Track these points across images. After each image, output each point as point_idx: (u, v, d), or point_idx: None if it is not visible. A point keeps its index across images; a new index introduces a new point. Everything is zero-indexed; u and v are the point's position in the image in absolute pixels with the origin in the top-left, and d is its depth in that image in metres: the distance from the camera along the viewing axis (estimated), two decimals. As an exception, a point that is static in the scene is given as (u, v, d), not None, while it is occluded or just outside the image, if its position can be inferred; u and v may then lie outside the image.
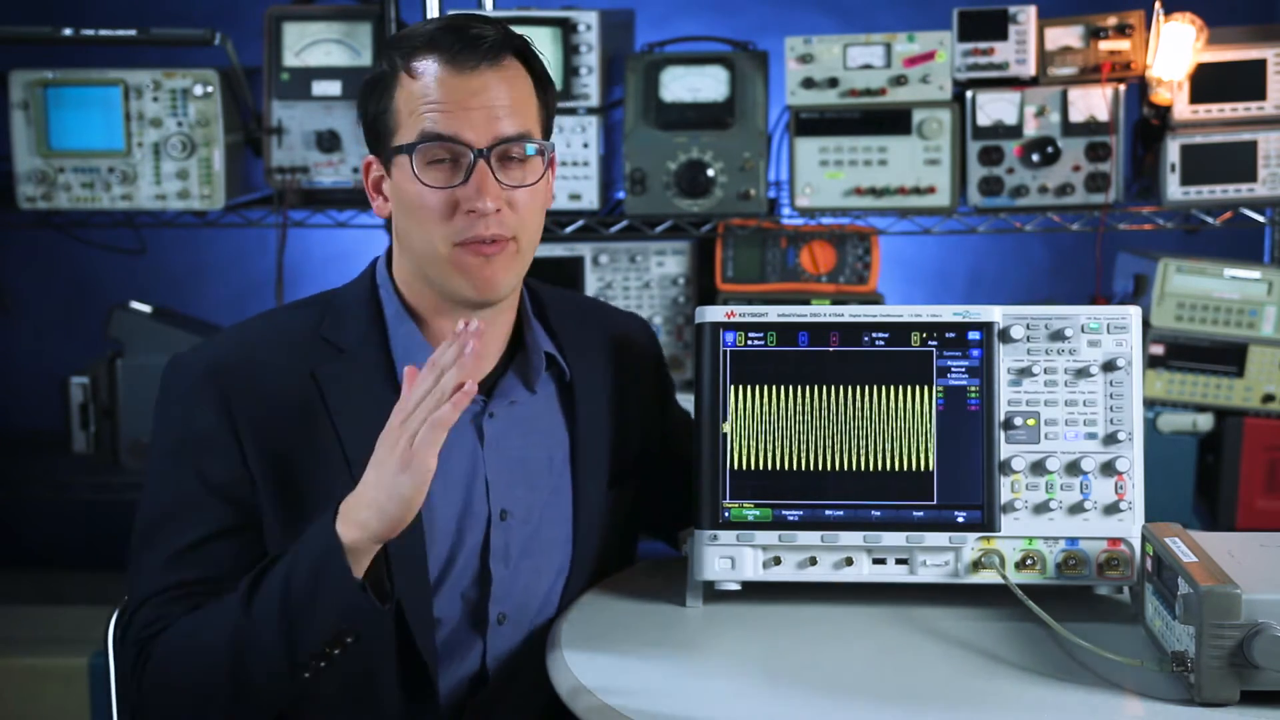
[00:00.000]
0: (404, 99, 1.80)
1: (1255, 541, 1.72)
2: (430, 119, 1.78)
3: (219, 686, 1.70)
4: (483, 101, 1.78)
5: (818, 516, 1.86)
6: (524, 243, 1.83)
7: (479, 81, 1.78)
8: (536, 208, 1.84)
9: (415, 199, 1.80)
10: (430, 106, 1.78)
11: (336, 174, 3.15)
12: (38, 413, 3.74)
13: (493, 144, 1.78)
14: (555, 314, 1.99)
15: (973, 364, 1.87)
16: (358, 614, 1.66)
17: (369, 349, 1.86)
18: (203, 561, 1.78)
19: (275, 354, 1.84)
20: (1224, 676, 1.55)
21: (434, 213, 1.79)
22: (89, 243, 3.36)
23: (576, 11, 3.10)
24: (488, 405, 1.89)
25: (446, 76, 1.78)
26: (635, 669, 1.71)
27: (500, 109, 1.79)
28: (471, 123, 1.78)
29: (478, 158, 1.77)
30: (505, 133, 1.79)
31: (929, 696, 1.63)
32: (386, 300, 1.89)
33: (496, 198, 1.78)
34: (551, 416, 1.95)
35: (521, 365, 1.92)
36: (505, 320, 1.92)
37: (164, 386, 1.85)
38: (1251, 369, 3.02)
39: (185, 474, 1.80)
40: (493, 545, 1.88)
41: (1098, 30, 2.98)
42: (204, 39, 3.10)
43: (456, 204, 1.78)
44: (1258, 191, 2.99)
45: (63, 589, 3.27)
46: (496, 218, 1.79)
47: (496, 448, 1.89)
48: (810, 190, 3.06)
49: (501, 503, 1.88)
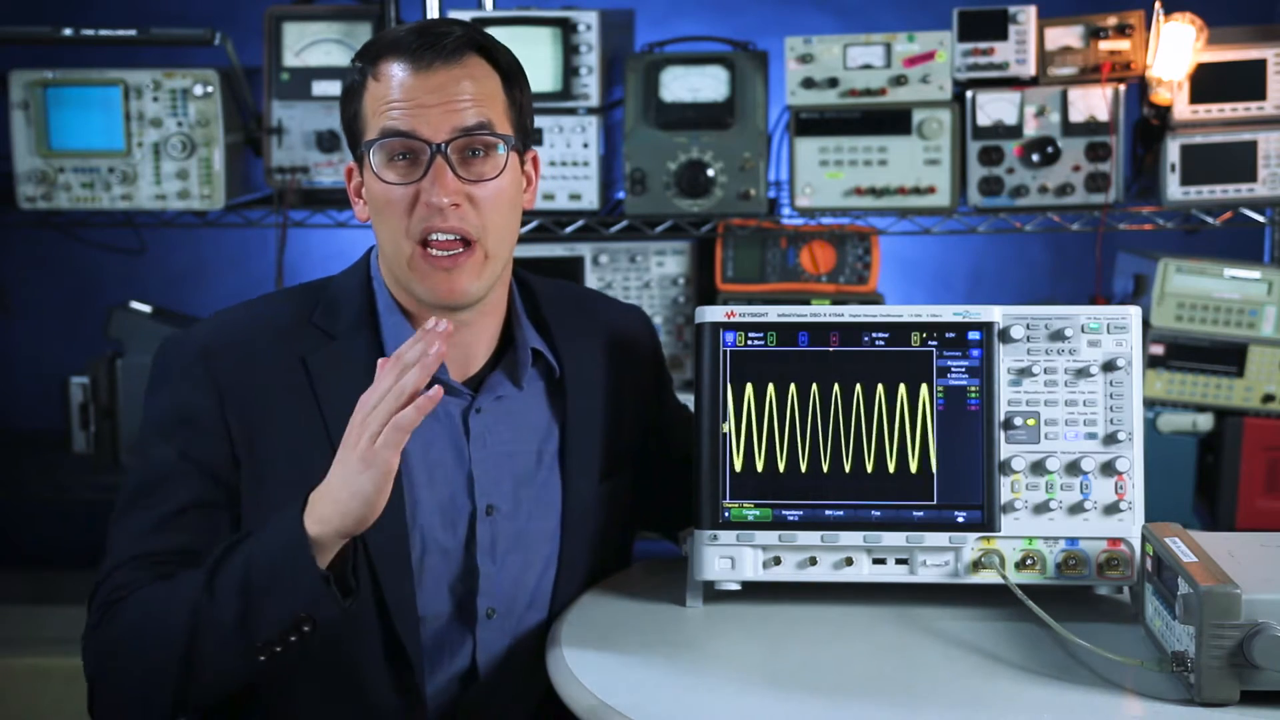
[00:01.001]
0: (369, 101, 1.82)
1: (1255, 541, 1.73)
2: (389, 116, 1.79)
3: (170, 661, 1.68)
4: (440, 98, 1.79)
5: (818, 516, 1.86)
6: (491, 244, 1.83)
7: (438, 79, 1.80)
8: (502, 206, 1.84)
9: (379, 196, 1.82)
10: (389, 105, 1.79)
11: (336, 174, 3.15)
12: (38, 413, 3.74)
13: (450, 137, 1.79)
14: (549, 307, 1.99)
15: (973, 364, 1.87)
16: (317, 605, 1.65)
17: (360, 337, 1.87)
18: (178, 531, 1.78)
19: (267, 338, 1.86)
20: (1224, 676, 1.55)
21: (395, 209, 1.80)
22: (89, 243, 3.36)
23: (576, 11, 3.10)
24: (475, 400, 1.89)
25: (406, 76, 1.79)
26: (635, 669, 1.71)
27: (459, 102, 1.80)
28: (428, 119, 1.79)
29: (435, 152, 1.78)
30: (464, 124, 1.79)
31: (929, 696, 1.63)
32: (379, 291, 1.91)
33: (454, 192, 1.79)
34: (540, 410, 1.95)
35: (510, 362, 1.93)
36: (493, 320, 1.92)
37: (156, 365, 1.86)
38: (1251, 369, 3.02)
39: (170, 449, 1.81)
40: (479, 540, 1.88)
41: (1098, 30, 2.98)
42: (204, 39, 3.10)
43: (416, 199, 1.80)
44: (1258, 191, 2.98)
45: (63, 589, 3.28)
46: (455, 212, 1.79)
47: (483, 443, 1.89)
48: (810, 190, 3.06)
49: (488, 498, 1.89)
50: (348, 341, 1.87)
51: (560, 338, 1.97)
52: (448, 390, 1.87)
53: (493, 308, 1.91)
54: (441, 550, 1.87)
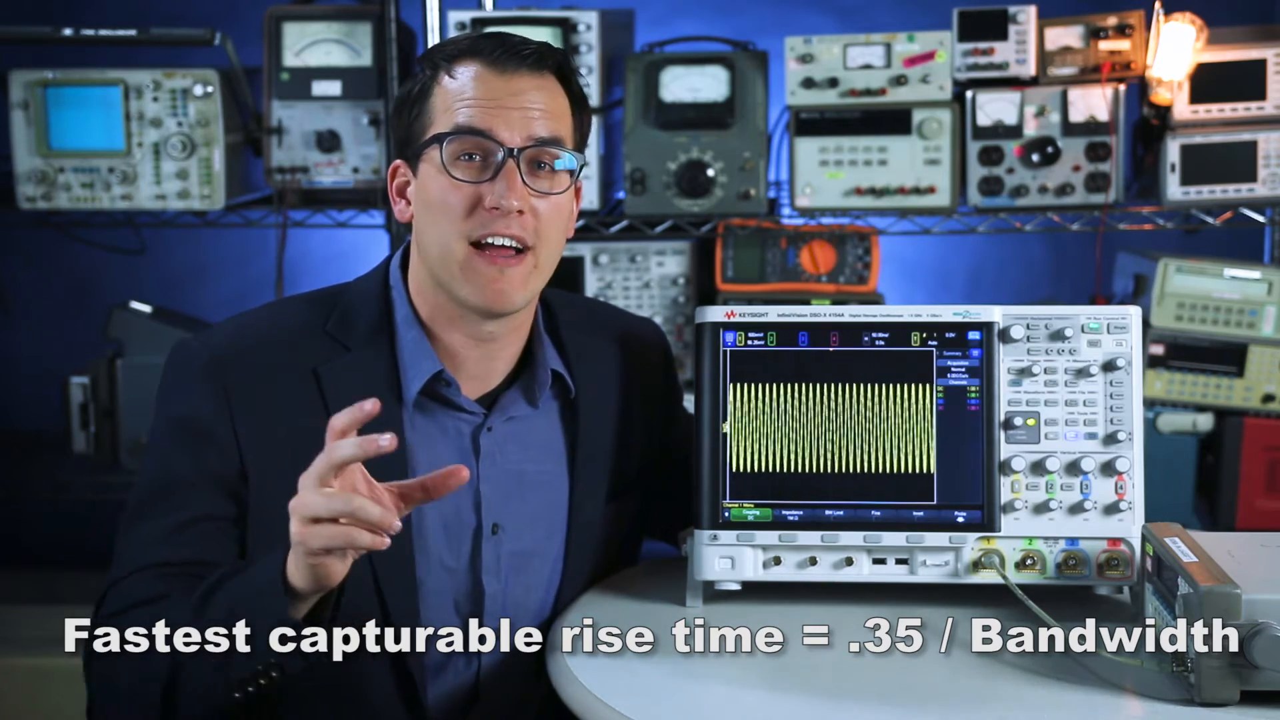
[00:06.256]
0: (440, 97, 1.79)
1: (1255, 541, 1.72)
2: (465, 113, 1.77)
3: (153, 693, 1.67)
4: (520, 102, 1.78)
5: (818, 516, 1.86)
6: (542, 257, 1.81)
7: (520, 84, 1.78)
8: (559, 223, 1.83)
9: (439, 193, 1.79)
10: (467, 102, 1.77)
11: (336, 174, 3.15)
12: (38, 413, 3.74)
13: (526, 144, 1.77)
14: (567, 327, 1.96)
15: (973, 364, 1.87)
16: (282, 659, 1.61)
17: (374, 349, 1.85)
18: (186, 544, 1.76)
19: (279, 347, 1.83)
20: (1224, 676, 1.55)
21: (455, 209, 1.78)
22: (89, 243, 3.36)
23: (576, 11, 3.10)
24: (487, 419, 1.88)
25: (486, 75, 1.78)
26: (635, 669, 1.71)
27: (536, 111, 1.78)
28: (507, 120, 1.77)
29: (508, 156, 1.77)
30: (540, 134, 1.78)
31: (929, 696, 1.62)
32: (398, 302, 1.87)
33: (522, 198, 1.77)
34: (552, 430, 1.93)
35: (527, 381, 1.90)
36: (518, 336, 1.90)
37: (168, 369, 1.84)
38: (1251, 369, 3.02)
39: (180, 457, 1.79)
40: (484, 559, 1.87)
41: (1098, 30, 2.98)
42: (204, 39, 3.10)
43: (479, 201, 1.77)
44: (1258, 191, 2.99)
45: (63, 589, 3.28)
46: (518, 219, 1.77)
47: (492, 461, 1.88)
48: (810, 190, 3.06)
49: (494, 516, 1.87)
50: (362, 352, 1.84)
51: (577, 359, 1.95)
52: (460, 413, 1.86)
53: (520, 325, 1.89)
54: (446, 568, 1.85)
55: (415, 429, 1.84)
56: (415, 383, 1.83)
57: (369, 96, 3.15)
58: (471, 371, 1.87)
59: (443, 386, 1.85)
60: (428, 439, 1.85)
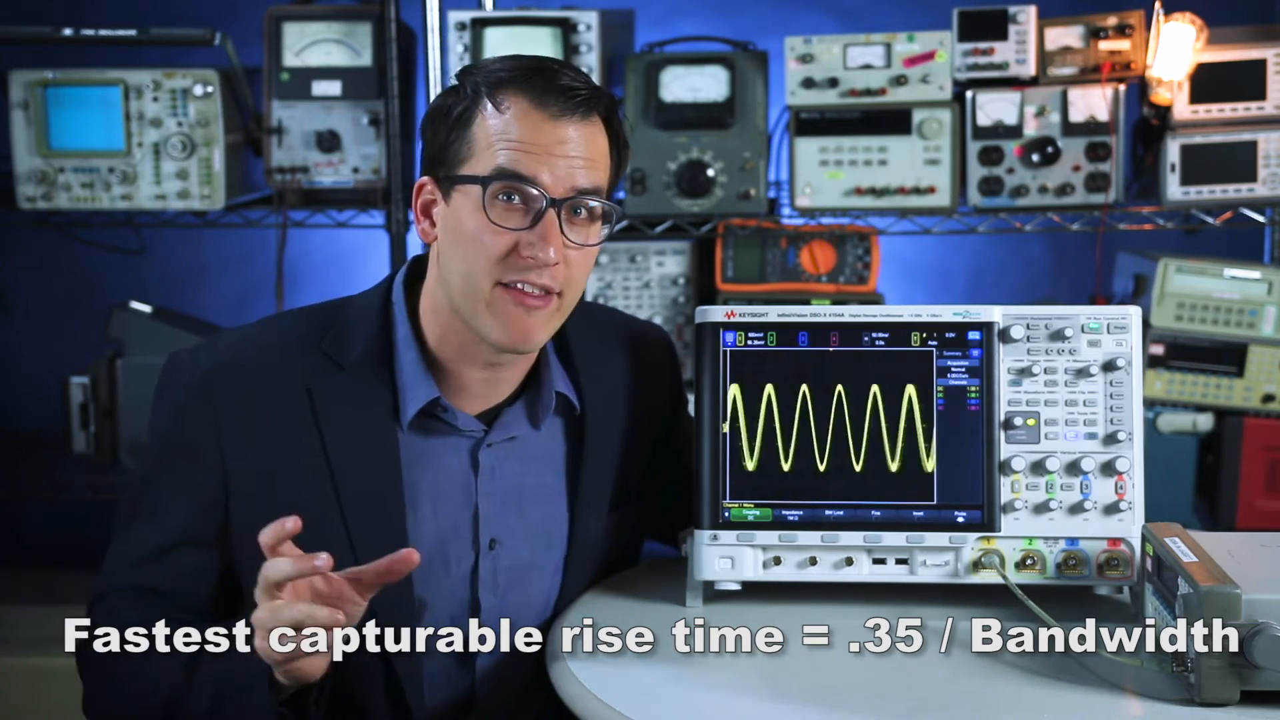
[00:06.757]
0: (482, 129, 1.75)
1: (1255, 541, 1.72)
2: (509, 156, 1.73)
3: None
4: (565, 151, 1.74)
5: (818, 516, 1.86)
6: (567, 300, 1.80)
7: (565, 131, 1.74)
8: (587, 268, 1.81)
9: (473, 232, 1.75)
10: (511, 144, 1.73)
11: (336, 174, 3.16)
12: (38, 413, 3.74)
13: (567, 195, 1.74)
14: (577, 345, 1.94)
15: (973, 364, 1.87)
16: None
17: (370, 369, 1.82)
18: (167, 567, 1.77)
19: (271, 364, 1.81)
20: (1224, 676, 1.55)
21: (490, 250, 1.74)
22: (89, 243, 3.36)
23: (576, 11, 3.10)
24: (487, 435, 1.86)
25: (534, 115, 1.74)
26: (635, 669, 1.71)
27: (580, 161, 1.75)
28: (553, 169, 1.74)
29: (549, 205, 1.74)
30: (582, 184, 1.75)
31: (929, 696, 1.62)
32: (399, 321, 1.85)
33: (559, 249, 1.74)
34: (554, 443, 1.92)
35: (531, 401, 1.89)
36: (526, 361, 1.88)
37: (161, 383, 1.84)
38: (1251, 369, 3.02)
39: (167, 472, 1.80)
40: (481, 574, 1.86)
41: (1098, 30, 2.98)
42: (204, 39, 3.10)
43: (514, 247, 1.74)
44: (1258, 191, 2.99)
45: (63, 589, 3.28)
46: (551, 270, 1.75)
47: (491, 477, 1.86)
48: (810, 190, 3.06)
49: (492, 532, 1.86)
50: (357, 372, 1.81)
51: (585, 376, 1.93)
52: (460, 432, 1.85)
53: (531, 354, 1.88)
54: (443, 583, 1.84)
55: (411, 447, 1.83)
56: (412, 406, 1.82)
57: (369, 96, 3.15)
58: (475, 392, 1.86)
59: (440, 411, 1.84)
60: (425, 456, 1.84)
